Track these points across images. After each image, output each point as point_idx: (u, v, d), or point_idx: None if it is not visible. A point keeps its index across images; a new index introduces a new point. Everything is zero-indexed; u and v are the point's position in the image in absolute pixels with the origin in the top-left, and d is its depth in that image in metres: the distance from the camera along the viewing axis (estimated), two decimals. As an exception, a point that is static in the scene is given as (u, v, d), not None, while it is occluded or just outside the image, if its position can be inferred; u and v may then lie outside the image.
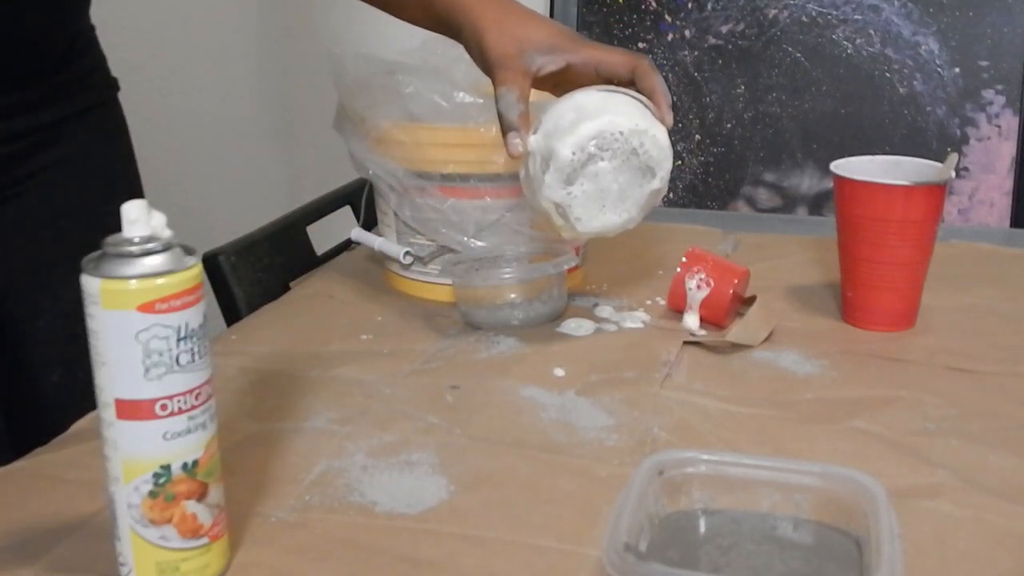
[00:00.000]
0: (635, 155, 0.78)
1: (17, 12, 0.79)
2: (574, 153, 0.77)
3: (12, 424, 0.81)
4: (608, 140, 0.77)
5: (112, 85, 0.93)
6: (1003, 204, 1.53)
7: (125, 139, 0.95)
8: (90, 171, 0.89)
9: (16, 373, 0.87)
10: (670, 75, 1.54)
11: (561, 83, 0.82)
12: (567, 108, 0.79)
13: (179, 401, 0.52)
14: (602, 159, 0.78)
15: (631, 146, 0.78)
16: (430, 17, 0.86)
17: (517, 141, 0.79)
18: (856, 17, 1.53)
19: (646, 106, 0.80)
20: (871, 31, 1.52)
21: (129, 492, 0.53)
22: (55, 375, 0.87)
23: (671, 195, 1.65)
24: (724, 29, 1.57)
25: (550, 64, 0.80)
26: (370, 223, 1.09)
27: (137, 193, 0.95)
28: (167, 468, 0.53)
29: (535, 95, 0.82)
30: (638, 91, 0.80)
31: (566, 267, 0.94)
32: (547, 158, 0.78)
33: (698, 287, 0.90)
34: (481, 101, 0.92)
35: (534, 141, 0.80)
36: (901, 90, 1.53)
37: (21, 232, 0.85)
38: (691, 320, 0.90)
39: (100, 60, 0.92)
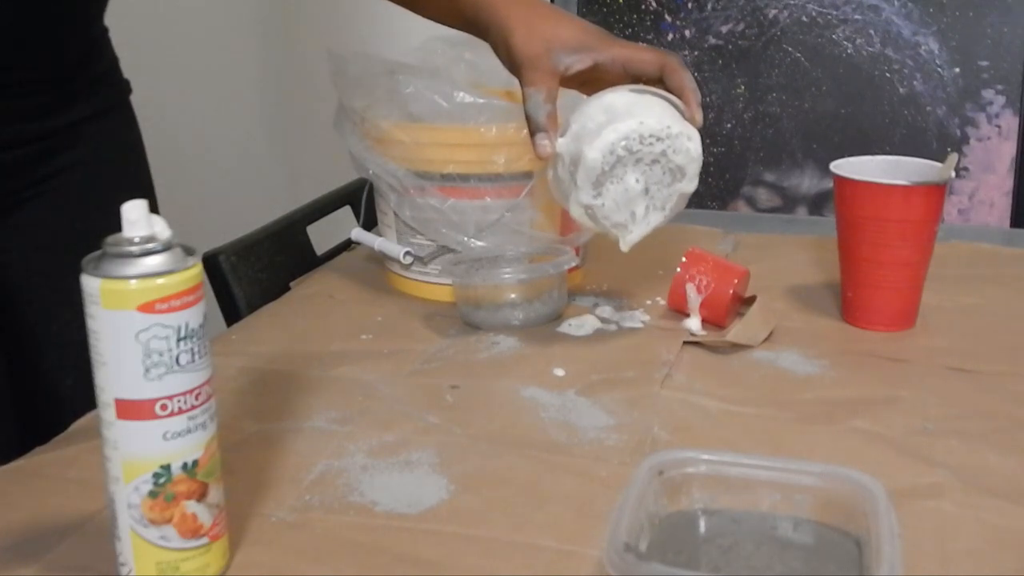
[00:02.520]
0: (664, 157, 0.78)
1: (41, 16, 0.79)
2: (603, 156, 0.77)
3: (27, 428, 0.82)
4: (637, 143, 0.77)
5: (125, 87, 0.94)
6: (1003, 204, 1.53)
7: (138, 140, 0.95)
8: (106, 173, 0.89)
9: (31, 376, 0.87)
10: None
11: (589, 81, 0.81)
12: (596, 109, 0.78)
13: (179, 401, 0.52)
14: (631, 163, 0.77)
15: (660, 149, 0.77)
16: (456, 16, 0.85)
17: (545, 142, 0.78)
18: (856, 17, 1.53)
19: (675, 106, 0.79)
20: (871, 31, 1.52)
21: (129, 492, 0.53)
22: (69, 378, 0.87)
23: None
24: (724, 29, 1.57)
25: (578, 63, 0.79)
26: (370, 223, 1.09)
27: (150, 194, 0.95)
28: (167, 468, 0.53)
29: (563, 94, 0.82)
30: (667, 89, 0.79)
31: (566, 267, 0.94)
32: (576, 161, 0.78)
33: (698, 291, 0.90)
34: (481, 101, 0.92)
35: (563, 143, 0.79)
36: (901, 90, 1.53)
37: (37, 234, 0.86)
38: (692, 323, 0.90)
39: (114, 62, 0.92)
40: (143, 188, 0.95)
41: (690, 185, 0.80)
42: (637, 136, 0.76)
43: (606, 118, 0.77)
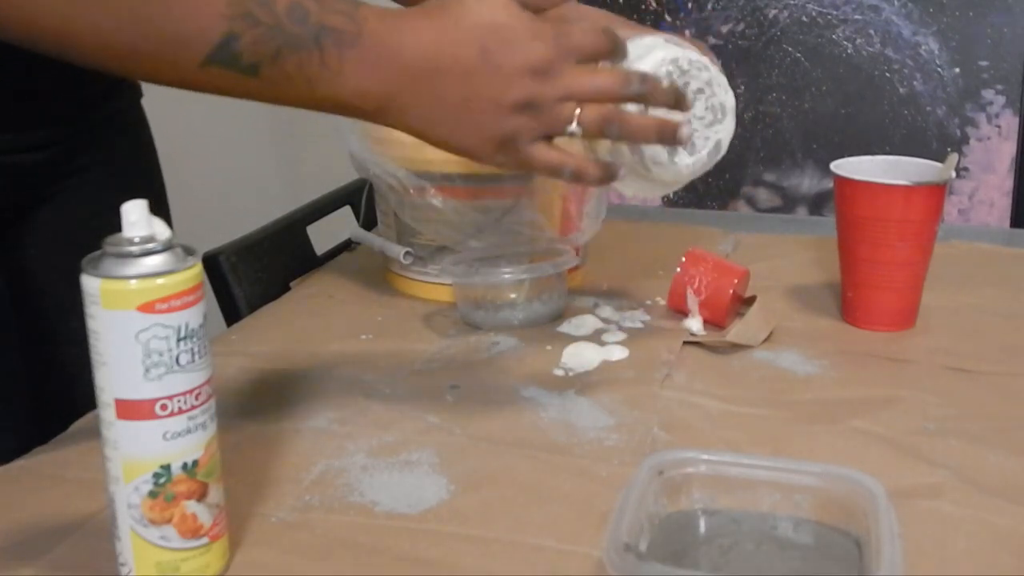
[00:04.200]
0: (709, 88, 0.72)
1: None
2: (654, 68, 0.70)
3: (45, 422, 0.82)
4: (686, 64, 0.71)
5: (137, 90, 0.95)
6: (1003, 204, 1.53)
7: (150, 141, 0.97)
8: (122, 173, 0.91)
9: (49, 372, 0.88)
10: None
11: None
12: (632, 47, 0.72)
13: (179, 401, 0.52)
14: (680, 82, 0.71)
15: (706, 78, 0.72)
16: None
17: None
18: (856, 17, 1.53)
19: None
20: (871, 31, 1.52)
21: (129, 492, 0.53)
22: (87, 373, 0.88)
23: (671, 195, 1.65)
24: (724, 29, 1.57)
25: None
26: (370, 223, 1.09)
27: (163, 193, 0.97)
28: (167, 468, 0.53)
29: None
30: None
31: (566, 267, 0.94)
32: None
33: (697, 291, 0.90)
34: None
35: None
36: (901, 90, 1.53)
37: (56, 232, 0.87)
38: (692, 323, 0.90)
39: None
40: (156, 187, 0.96)
41: (726, 129, 0.74)
42: (686, 60, 0.72)
43: (638, 52, 0.72)
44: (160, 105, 1.44)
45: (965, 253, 1.10)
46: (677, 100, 0.68)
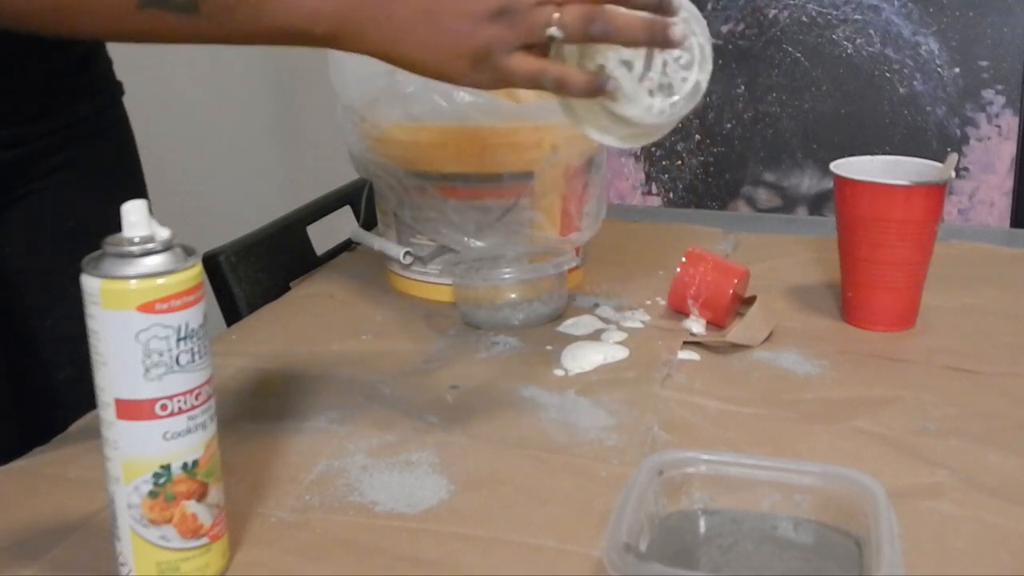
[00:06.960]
0: (686, 25, 0.70)
1: None
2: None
3: (23, 422, 0.82)
4: None
5: (118, 89, 0.94)
6: (1003, 204, 1.53)
7: (130, 142, 0.96)
8: (98, 173, 0.90)
9: (26, 371, 0.88)
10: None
11: None
12: None
13: (179, 401, 0.52)
14: None
15: (681, 16, 0.70)
16: None
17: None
18: (856, 17, 1.53)
19: None
20: (871, 31, 1.52)
21: (129, 492, 0.53)
22: (64, 373, 0.88)
23: (671, 195, 1.65)
24: (724, 29, 1.58)
25: None
26: (370, 223, 1.09)
27: (143, 194, 0.96)
28: (167, 468, 0.53)
29: None
30: None
31: (566, 267, 0.94)
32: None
33: (697, 291, 0.90)
34: (481, 101, 0.92)
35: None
36: (901, 90, 1.53)
37: (31, 232, 0.86)
38: (693, 323, 0.90)
39: (108, 65, 0.93)
40: (135, 188, 0.95)
41: (705, 71, 0.72)
42: None
43: None
44: (160, 104, 1.43)
45: (965, 253, 1.10)
46: (661, 2, 0.64)
